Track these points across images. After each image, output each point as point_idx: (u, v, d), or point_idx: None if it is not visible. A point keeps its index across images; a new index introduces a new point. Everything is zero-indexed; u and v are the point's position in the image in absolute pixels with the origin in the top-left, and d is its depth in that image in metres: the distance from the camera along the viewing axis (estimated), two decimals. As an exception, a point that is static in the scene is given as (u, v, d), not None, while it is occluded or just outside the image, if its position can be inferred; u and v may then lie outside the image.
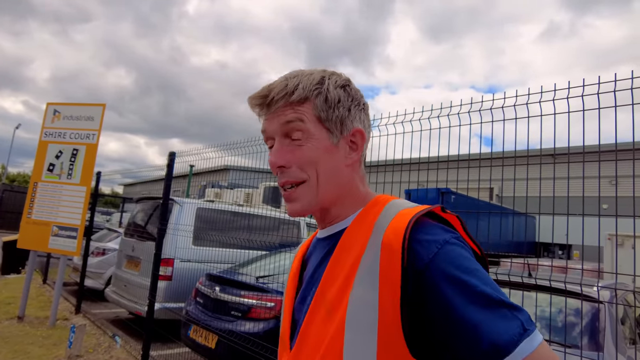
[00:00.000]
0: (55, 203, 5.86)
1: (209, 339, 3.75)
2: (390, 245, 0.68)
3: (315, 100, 0.78)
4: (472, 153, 2.21)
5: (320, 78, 0.80)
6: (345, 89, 0.82)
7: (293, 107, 0.78)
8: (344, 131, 0.81)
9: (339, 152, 0.80)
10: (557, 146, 1.95)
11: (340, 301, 0.70)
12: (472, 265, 0.66)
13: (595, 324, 2.45)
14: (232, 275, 4.06)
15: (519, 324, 0.60)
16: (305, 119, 0.78)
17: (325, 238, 0.84)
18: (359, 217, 0.79)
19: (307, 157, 0.77)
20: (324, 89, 0.80)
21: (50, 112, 6.19)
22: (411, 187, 11.02)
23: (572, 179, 1.73)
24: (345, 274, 0.72)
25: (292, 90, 0.77)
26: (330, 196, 0.80)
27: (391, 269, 0.67)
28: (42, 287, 8.31)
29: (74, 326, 4.42)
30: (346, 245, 0.76)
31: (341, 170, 0.80)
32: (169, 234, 4.87)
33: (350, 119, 0.82)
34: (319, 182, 0.78)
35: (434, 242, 0.67)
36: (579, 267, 2.31)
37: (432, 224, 0.72)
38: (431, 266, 0.65)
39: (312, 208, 0.79)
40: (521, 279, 2.12)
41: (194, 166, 4.96)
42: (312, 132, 0.78)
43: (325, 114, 0.79)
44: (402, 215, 0.72)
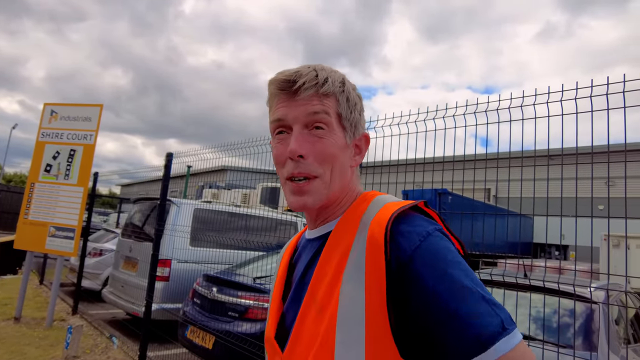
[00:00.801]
0: (52, 204, 5.86)
1: (206, 339, 3.75)
2: (374, 238, 0.68)
3: (339, 97, 0.79)
4: (468, 154, 2.22)
5: (342, 77, 0.82)
6: (358, 94, 0.85)
7: (320, 98, 0.77)
8: (356, 134, 0.83)
9: (349, 152, 0.82)
10: (553, 147, 1.97)
11: (330, 299, 0.70)
12: (455, 258, 0.66)
13: (589, 324, 2.47)
14: (229, 276, 4.07)
15: (499, 321, 0.60)
16: (330, 112, 0.78)
17: (315, 238, 0.83)
18: (346, 214, 0.79)
19: (328, 151, 0.76)
20: (346, 88, 0.81)
21: (48, 113, 6.19)
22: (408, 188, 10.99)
23: (566, 179, 1.75)
24: (333, 271, 0.72)
25: (323, 82, 0.77)
26: (335, 195, 0.80)
27: (376, 262, 0.66)
28: (39, 287, 8.28)
29: (71, 327, 4.42)
30: (334, 243, 0.76)
31: (347, 171, 0.81)
32: (166, 234, 4.88)
33: (361, 123, 0.85)
34: (332, 178, 0.77)
35: (417, 234, 0.67)
36: (575, 268, 2.33)
37: (416, 216, 0.72)
38: (414, 258, 0.64)
39: (320, 204, 0.78)
40: (515, 280, 2.14)
41: (192, 167, 4.96)
42: (334, 127, 0.78)
43: (345, 113, 0.80)
44: (386, 208, 0.73)
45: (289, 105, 0.77)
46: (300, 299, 0.77)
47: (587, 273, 3.73)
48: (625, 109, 1.60)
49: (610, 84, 1.63)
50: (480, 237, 10.73)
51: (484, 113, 2.10)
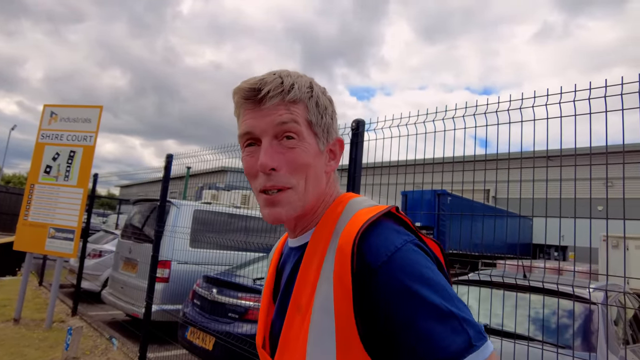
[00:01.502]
0: (52, 205, 5.86)
1: (206, 340, 3.76)
2: (342, 250, 0.67)
3: (308, 103, 0.76)
4: (467, 155, 2.23)
5: (310, 82, 0.78)
6: (328, 97, 0.82)
7: (287, 106, 0.74)
8: (329, 139, 0.80)
9: (323, 159, 0.79)
10: (552, 148, 1.98)
11: (308, 307, 0.70)
12: (424, 273, 0.63)
13: (588, 325, 2.49)
14: (229, 277, 4.08)
15: (466, 338, 0.58)
16: (299, 120, 0.74)
17: (296, 247, 0.82)
18: (322, 221, 0.77)
19: (300, 161, 0.74)
20: (315, 93, 0.78)
21: (47, 114, 6.19)
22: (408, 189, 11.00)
23: (565, 180, 1.76)
24: (312, 280, 0.71)
25: (288, 88, 0.74)
26: (312, 204, 0.77)
27: (343, 274, 0.65)
28: (38, 289, 8.28)
29: (71, 328, 4.42)
30: (312, 252, 0.74)
31: (322, 178, 0.79)
32: (166, 235, 4.88)
33: (334, 127, 0.82)
34: (306, 188, 0.75)
35: (384, 248, 0.65)
36: (573, 269, 2.35)
37: (386, 226, 0.69)
38: (379, 274, 0.63)
39: (295, 214, 0.76)
40: (515, 281, 2.15)
41: (191, 168, 4.97)
42: (304, 135, 0.75)
43: (315, 119, 0.77)
44: (356, 217, 0.71)
45: (256, 117, 0.74)
46: (286, 308, 0.76)
47: (586, 274, 3.74)
48: (622, 111, 1.61)
49: (608, 87, 1.65)
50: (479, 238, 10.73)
51: (483, 115, 2.11)
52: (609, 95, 1.63)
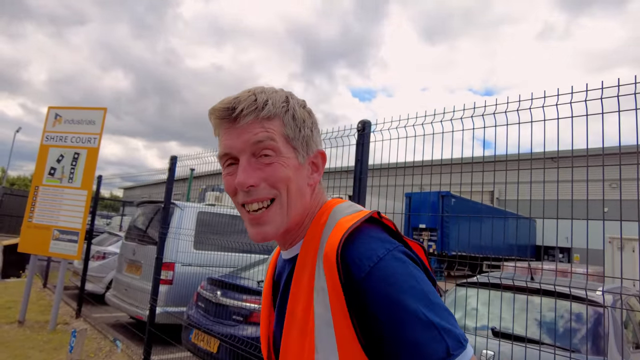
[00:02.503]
0: (56, 207, 5.86)
1: (210, 343, 3.74)
2: (329, 262, 0.68)
3: (284, 118, 0.76)
4: (472, 156, 2.21)
5: (286, 96, 0.79)
6: (307, 110, 0.82)
7: (262, 124, 0.74)
8: (309, 151, 0.80)
9: (304, 172, 0.79)
10: (554, 149, 1.96)
11: (307, 320, 0.70)
12: (407, 282, 0.65)
13: (598, 328, 2.45)
14: (233, 280, 4.06)
15: (444, 347, 0.60)
16: (276, 137, 0.75)
17: (289, 260, 0.83)
18: (309, 231, 0.77)
19: (279, 174, 0.74)
20: (290, 107, 0.78)
21: (52, 116, 6.20)
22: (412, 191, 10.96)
23: (575, 182, 1.74)
24: (305, 293, 0.72)
25: (262, 105, 0.74)
26: (297, 217, 0.78)
27: (334, 285, 0.67)
28: (43, 291, 8.29)
29: (75, 330, 4.41)
30: (302, 265, 0.75)
31: (306, 191, 0.79)
32: (170, 237, 4.87)
33: (313, 139, 0.82)
34: (289, 201, 0.75)
35: (367, 259, 0.66)
36: (581, 272, 2.32)
37: (369, 236, 0.70)
38: (364, 285, 0.65)
39: (282, 230, 0.76)
40: (525, 284, 2.12)
41: (195, 170, 4.96)
42: (282, 150, 0.75)
43: (293, 133, 0.77)
44: (338, 226, 0.71)
45: (232, 137, 0.75)
46: (283, 320, 0.77)
47: (592, 276, 3.70)
48: (637, 111, 1.58)
49: (620, 86, 1.62)
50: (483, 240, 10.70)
51: (487, 116, 2.09)
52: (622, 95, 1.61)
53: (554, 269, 4.90)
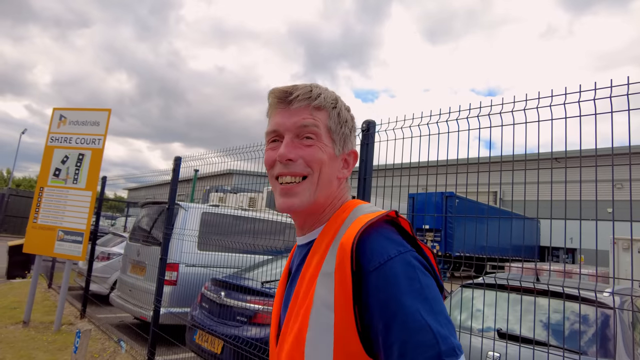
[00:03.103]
0: (60, 208, 5.88)
1: (214, 344, 3.74)
2: (343, 251, 0.72)
3: (330, 112, 0.86)
4: (475, 157, 2.20)
5: (336, 97, 0.89)
6: (351, 115, 0.92)
7: (312, 112, 0.84)
8: (345, 148, 0.89)
9: (337, 164, 0.88)
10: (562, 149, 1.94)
11: (305, 300, 0.75)
12: (410, 285, 0.67)
13: (606, 330, 2.42)
14: (237, 280, 4.05)
15: (437, 352, 0.61)
16: (320, 125, 0.84)
17: (303, 245, 0.88)
18: (328, 223, 0.83)
19: (316, 155, 0.82)
20: (338, 106, 0.88)
21: (57, 117, 6.23)
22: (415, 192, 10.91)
23: (571, 182, 1.72)
24: (310, 275, 0.77)
25: (316, 96, 0.84)
26: (322, 200, 0.85)
27: (344, 272, 0.70)
28: (47, 291, 8.32)
29: (79, 331, 4.42)
30: (315, 249, 0.81)
31: (334, 181, 0.87)
32: (174, 238, 4.88)
33: (351, 139, 0.91)
34: (319, 181, 0.83)
35: (379, 255, 0.70)
36: (587, 273, 2.29)
37: (383, 235, 0.74)
38: (370, 279, 0.69)
39: (308, 206, 0.83)
40: (533, 285, 2.10)
41: (198, 171, 4.96)
42: (322, 136, 0.84)
43: (335, 127, 0.86)
44: (358, 220, 0.76)
45: (283, 117, 0.85)
46: (289, 303, 0.83)
47: (599, 277, 3.67)
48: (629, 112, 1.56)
49: (613, 87, 1.61)
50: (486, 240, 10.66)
51: (493, 116, 2.07)
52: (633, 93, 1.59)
53: (559, 269, 4.85)
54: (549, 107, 1.80)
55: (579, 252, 2.12)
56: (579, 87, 1.73)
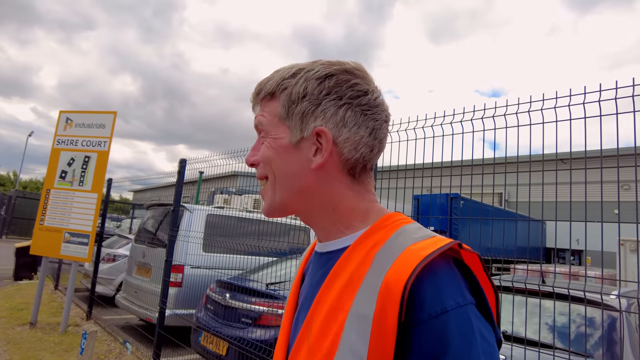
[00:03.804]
0: (67, 210, 5.93)
1: (219, 345, 3.74)
2: (390, 291, 0.57)
3: (280, 96, 0.72)
4: (480, 158, 2.19)
5: (295, 71, 0.72)
6: (322, 81, 0.70)
7: (262, 107, 0.75)
8: (305, 130, 0.70)
9: (301, 153, 0.70)
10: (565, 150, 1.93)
11: (324, 340, 0.62)
12: (462, 351, 0.56)
13: (613, 333, 2.41)
14: (242, 282, 4.06)
15: None
16: (267, 117, 0.73)
17: (323, 254, 0.75)
18: (359, 241, 0.68)
19: (263, 155, 0.73)
20: (291, 84, 0.71)
21: (63, 120, 6.28)
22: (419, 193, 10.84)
23: (578, 183, 1.71)
24: (332, 309, 0.63)
25: (261, 88, 0.75)
26: (291, 201, 0.73)
27: (387, 321, 0.57)
28: (54, 293, 8.38)
29: (86, 332, 4.44)
30: (340, 274, 0.66)
31: (302, 174, 0.70)
32: (179, 240, 4.90)
33: (316, 115, 0.69)
34: (276, 181, 0.72)
35: (429, 306, 0.56)
36: (593, 275, 2.27)
37: (440, 276, 0.59)
38: (418, 333, 0.56)
39: (275, 209, 0.74)
40: (538, 287, 2.09)
41: (203, 173, 4.98)
42: (269, 130, 0.73)
43: (285, 111, 0.71)
44: (409, 254, 0.60)
45: None
46: (300, 324, 0.71)
47: (605, 279, 3.64)
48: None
49: (618, 88, 1.60)
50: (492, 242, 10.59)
51: (497, 117, 2.07)
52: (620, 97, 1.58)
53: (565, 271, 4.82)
54: (553, 108, 1.79)
55: (585, 253, 2.10)
56: (583, 89, 1.72)
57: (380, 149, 0.76)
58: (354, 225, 0.70)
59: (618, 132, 1.73)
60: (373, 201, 0.74)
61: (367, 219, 0.71)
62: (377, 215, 0.71)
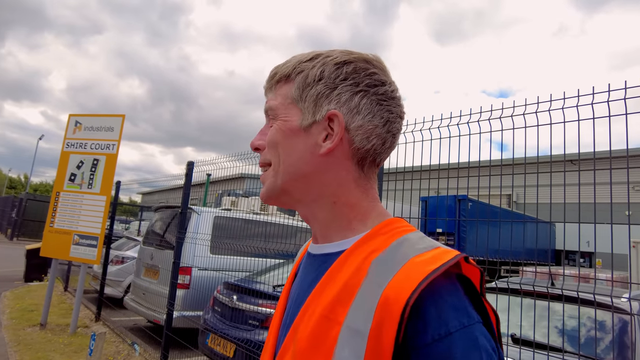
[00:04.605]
0: (76, 212, 5.99)
1: (226, 347, 3.75)
2: (389, 307, 0.53)
3: (295, 79, 0.69)
4: (488, 160, 2.18)
5: (313, 56, 0.69)
6: (340, 67, 0.68)
7: (275, 91, 0.72)
8: (317, 113, 0.67)
9: (310, 138, 0.67)
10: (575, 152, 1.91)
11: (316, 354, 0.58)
12: None
13: (624, 337, 2.37)
14: (249, 284, 4.07)
15: None
16: (279, 100, 0.70)
17: (317, 255, 0.71)
18: (356, 245, 0.64)
19: (270, 138, 0.70)
20: (308, 67, 0.68)
21: (72, 124, 6.35)
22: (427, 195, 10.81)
23: (588, 184, 1.69)
24: (321, 317, 0.59)
25: (277, 71, 0.72)
26: (293, 187, 0.69)
27: (383, 339, 0.53)
28: (64, 294, 8.46)
29: (94, 334, 4.48)
30: (333, 281, 0.62)
31: (308, 159, 0.67)
32: (187, 242, 4.92)
33: (330, 99, 0.66)
34: (280, 166, 0.69)
35: (432, 328, 0.52)
36: (604, 277, 2.25)
37: (443, 294, 0.55)
38: (424, 354, 0.52)
39: (273, 194, 0.71)
40: (546, 289, 2.07)
41: (211, 175, 5.01)
42: (279, 112, 0.70)
43: (299, 93, 0.68)
44: (413, 267, 0.55)
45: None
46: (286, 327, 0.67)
47: (616, 282, 3.59)
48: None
49: (628, 88, 1.58)
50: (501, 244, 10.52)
51: (505, 118, 2.05)
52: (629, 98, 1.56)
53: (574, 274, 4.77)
54: (561, 109, 1.78)
55: (595, 256, 2.08)
56: (592, 89, 1.71)
57: (392, 145, 0.72)
58: (352, 227, 0.67)
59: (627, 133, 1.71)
60: (375, 200, 0.70)
61: (367, 220, 0.67)
62: (377, 218, 0.68)
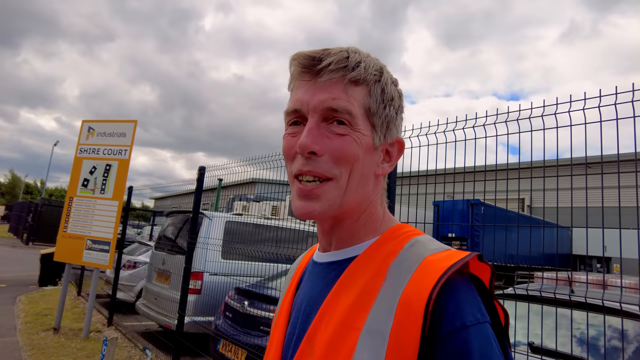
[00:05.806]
0: (89, 217, 6.04)
1: (237, 354, 3.72)
2: (410, 305, 0.54)
3: (372, 88, 0.65)
4: (500, 163, 2.13)
5: (381, 66, 0.67)
6: (399, 90, 0.70)
7: (345, 87, 0.63)
8: (387, 136, 0.67)
9: (376, 157, 0.67)
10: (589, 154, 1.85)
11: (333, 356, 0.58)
12: None
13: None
14: (260, 289, 4.04)
15: None
16: (356, 106, 0.63)
17: (325, 264, 0.69)
18: (368, 251, 0.64)
19: (347, 150, 0.62)
20: (383, 79, 0.66)
21: (85, 129, 6.42)
22: (440, 199, 10.76)
23: (606, 188, 1.63)
24: (340, 324, 0.59)
25: (353, 66, 0.63)
26: (353, 205, 0.65)
27: (405, 336, 0.53)
28: (77, 299, 8.53)
29: (106, 339, 4.49)
30: (348, 287, 0.61)
31: (370, 179, 0.67)
32: (198, 247, 4.92)
33: (396, 124, 0.69)
34: (349, 184, 0.63)
35: (449, 321, 0.54)
36: (627, 285, 2.17)
37: (459, 290, 0.57)
38: (443, 347, 0.53)
39: (331, 214, 0.64)
40: (569, 297, 2.00)
41: (222, 180, 5.01)
42: (359, 122, 0.63)
43: (376, 107, 0.65)
44: (429, 266, 0.57)
45: (308, 92, 0.64)
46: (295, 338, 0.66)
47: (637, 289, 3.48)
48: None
49: (635, 91, 1.52)
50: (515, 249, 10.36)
51: (521, 121, 2.00)
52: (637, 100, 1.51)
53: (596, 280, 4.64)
54: (582, 110, 1.72)
55: (620, 262, 2.01)
56: (615, 89, 1.65)
57: None
58: (367, 233, 0.68)
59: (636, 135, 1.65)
60: (385, 205, 0.72)
61: (378, 227, 0.68)
62: (387, 224, 0.69)
